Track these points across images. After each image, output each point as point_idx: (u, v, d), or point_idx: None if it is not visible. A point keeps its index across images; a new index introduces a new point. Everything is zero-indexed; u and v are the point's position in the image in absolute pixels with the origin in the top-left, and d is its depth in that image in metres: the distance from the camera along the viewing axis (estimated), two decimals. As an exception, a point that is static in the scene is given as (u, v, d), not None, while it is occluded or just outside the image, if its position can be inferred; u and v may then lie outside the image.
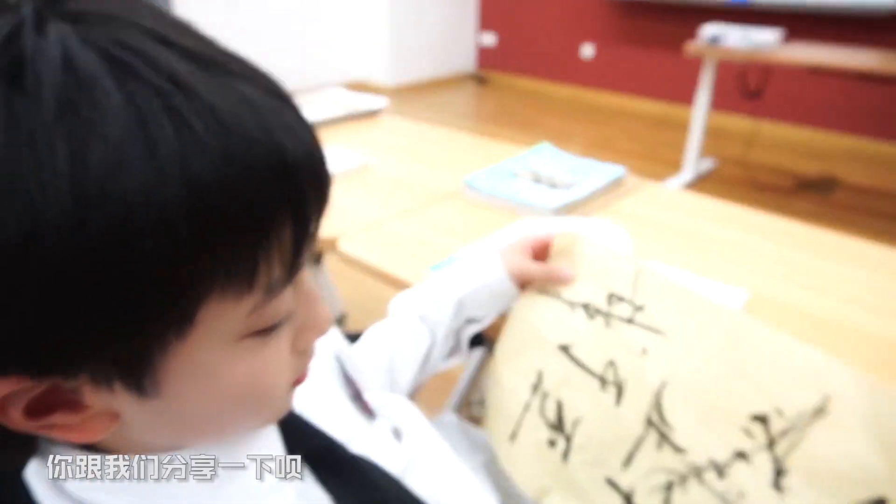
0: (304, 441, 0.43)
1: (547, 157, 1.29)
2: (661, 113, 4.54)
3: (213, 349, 0.31)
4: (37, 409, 0.29)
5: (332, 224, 1.04)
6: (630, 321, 0.62)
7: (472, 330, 0.74)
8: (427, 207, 1.12)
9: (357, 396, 0.55)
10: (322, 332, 0.37)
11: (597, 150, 3.79)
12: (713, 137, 3.74)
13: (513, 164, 1.24)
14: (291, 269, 0.32)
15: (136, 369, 0.29)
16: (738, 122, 3.67)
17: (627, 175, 1.22)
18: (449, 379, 1.53)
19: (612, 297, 0.65)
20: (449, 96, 5.26)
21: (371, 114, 1.70)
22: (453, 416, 0.85)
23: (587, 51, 4.91)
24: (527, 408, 0.64)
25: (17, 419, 0.29)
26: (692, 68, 3.20)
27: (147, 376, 0.30)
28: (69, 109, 0.24)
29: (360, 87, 1.49)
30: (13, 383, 0.27)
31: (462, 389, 1.26)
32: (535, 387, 0.65)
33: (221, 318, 0.30)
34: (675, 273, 0.87)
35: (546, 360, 0.65)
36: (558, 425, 0.62)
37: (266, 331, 0.33)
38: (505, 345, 0.69)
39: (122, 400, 0.30)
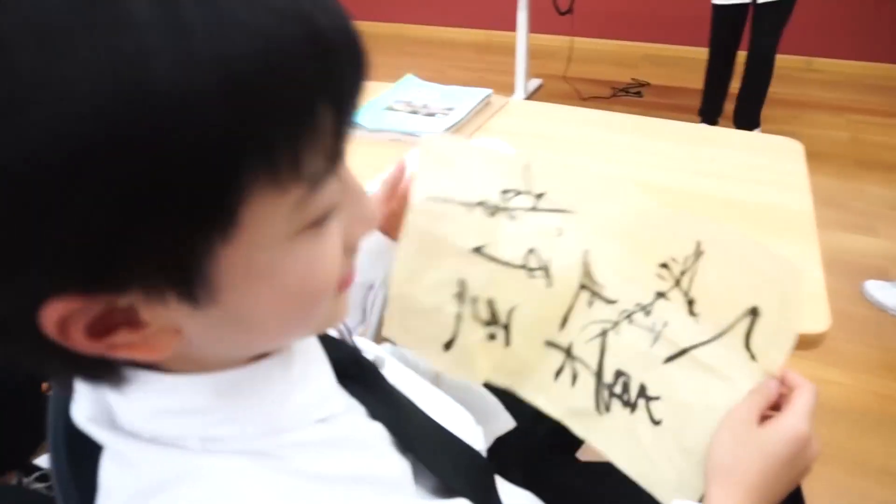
0: (337, 355, 0.45)
1: (415, 88, 1.32)
2: (484, 40, 4.69)
3: (266, 249, 0.30)
4: (98, 330, 0.28)
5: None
6: (534, 209, 0.66)
7: (376, 295, 0.72)
8: (314, 151, 1.11)
9: (348, 332, 0.56)
10: (370, 226, 0.37)
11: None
12: (536, 58, 3.95)
13: (385, 99, 1.26)
14: (334, 158, 0.30)
15: (187, 277, 0.28)
16: (557, 41, 3.90)
17: (493, 95, 1.30)
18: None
19: (507, 193, 0.66)
20: (269, 46, 5.01)
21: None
22: (389, 345, 0.89)
23: (403, -16, 4.89)
24: (459, 318, 0.65)
25: (80, 341, 0.28)
26: (508, -7, 3.33)
27: (199, 284, 0.28)
28: None
29: None
30: (69, 303, 0.26)
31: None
32: (461, 295, 0.65)
33: (268, 215, 0.28)
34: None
35: (463, 266, 0.65)
36: (493, 320, 0.65)
37: (317, 223, 0.31)
38: (407, 265, 0.65)
39: (178, 313, 0.29)
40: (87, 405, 0.36)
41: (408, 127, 1.12)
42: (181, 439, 0.34)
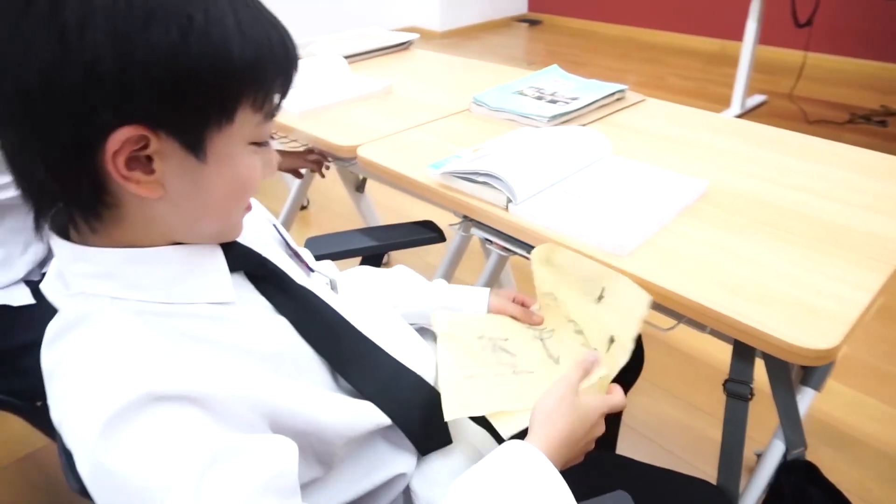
0: (244, 260, 0.58)
1: (554, 78, 1.39)
2: (715, 50, 4.43)
3: (236, 143, 0.49)
4: (130, 165, 0.45)
5: (355, 136, 1.20)
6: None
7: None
8: (438, 121, 1.25)
9: (294, 255, 0.70)
10: (273, 171, 0.56)
11: (646, 89, 3.76)
12: (765, 72, 3.65)
13: (521, 84, 1.35)
14: (275, 110, 0.52)
15: (200, 135, 0.47)
16: (791, 56, 3.56)
17: (628, 91, 1.31)
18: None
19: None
20: (500, 39, 5.27)
21: (402, 47, 1.82)
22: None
23: (641, -12, 4.80)
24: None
25: (119, 166, 0.44)
26: (746, 2, 3.11)
27: (200, 148, 0.47)
28: None
29: (409, 32, 1.61)
30: (134, 130, 0.43)
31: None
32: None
33: (245, 123, 0.49)
34: (641, 167, 0.98)
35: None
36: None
37: (258, 144, 0.52)
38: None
39: (176, 172, 0.47)
40: (50, 280, 0.53)
41: (525, 110, 1.20)
42: (97, 297, 0.49)
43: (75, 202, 0.48)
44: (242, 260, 0.58)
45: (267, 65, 0.48)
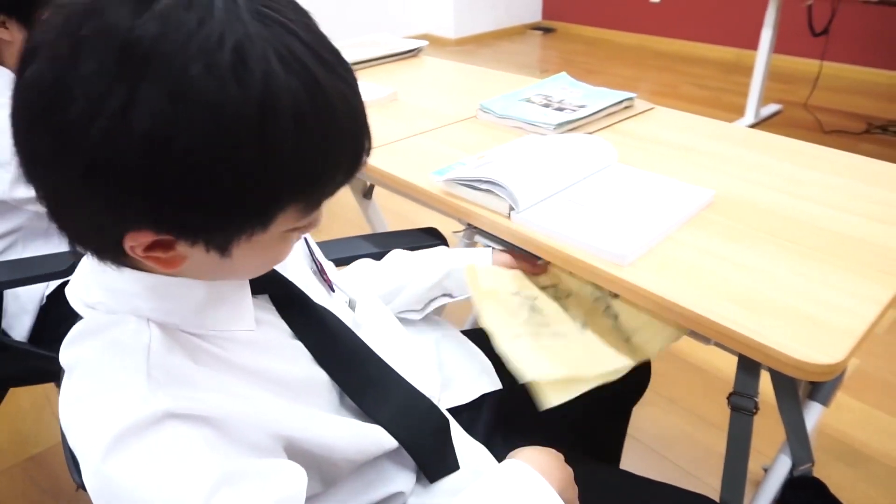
0: (269, 284, 0.57)
1: (562, 85, 1.38)
2: (731, 58, 4.40)
3: (272, 236, 0.46)
4: (148, 248, 0.43)
5: (359, 143, 1.19)
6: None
7: (440, 302, 0.88)
8: (444, 128, 1.24)
9: (319, 272, 0.69)
10: (313, 229, 0.53)
11: (659, 97, 3.73)
12: (781, 82, 3.62)
13: (528, 92, 1.34)
14: (325, 200, 0.47)
15: (227, 243, 0.44)
16: (806, 65, 3.53)
17: (637, 100, 1.30)
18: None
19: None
20: (514, 47, 5.27)
21: (410, 54, 1.82)
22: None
23: (656, -4, 4.79)
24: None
25: (138, 252, 0.43)
26: (762, 11, 3.09)
27: (230, 248, 0.45)
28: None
29: (424, 39, 1.61)
30: (151, 235, 0.42)
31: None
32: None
33: (286, 221, 0.45)
34: (646, 176, 0.96)
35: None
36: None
37: (299, 228, 0.48)
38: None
39: (200, 254, 0.45)
40: (74, 286, 0.53)
41: (531, 117, 1.19)
42: (116, 310, 0.49)
43: (100, 253, 0.47)
44: (267, 284, 0.58)
45: (326, 182, 0.45)
